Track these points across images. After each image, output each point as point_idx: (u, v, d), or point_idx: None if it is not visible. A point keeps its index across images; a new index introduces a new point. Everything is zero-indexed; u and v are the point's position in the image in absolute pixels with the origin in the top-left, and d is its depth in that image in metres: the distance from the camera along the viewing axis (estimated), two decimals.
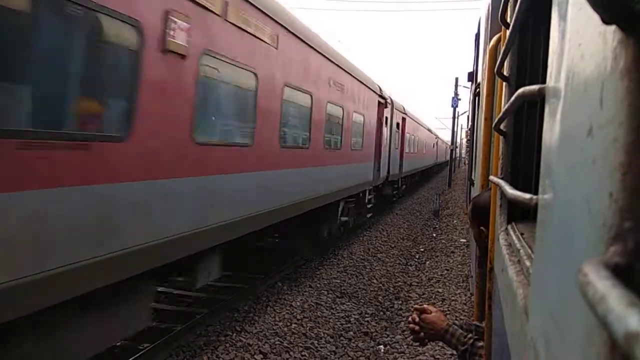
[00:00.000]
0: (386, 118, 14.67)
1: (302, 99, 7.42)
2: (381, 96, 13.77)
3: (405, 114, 19.41)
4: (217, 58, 4.79)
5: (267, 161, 6.18)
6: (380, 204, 15.64)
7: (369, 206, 13.23)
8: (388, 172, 15.24)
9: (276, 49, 6.19)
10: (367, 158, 12.28)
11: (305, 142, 7.79)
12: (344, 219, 11.10)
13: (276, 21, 6.14)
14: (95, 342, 3.81)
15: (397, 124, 17.26)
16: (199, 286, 5.55)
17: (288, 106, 6.82)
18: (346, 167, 10.32)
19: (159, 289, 5.85)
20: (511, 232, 1.37)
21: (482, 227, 2.10)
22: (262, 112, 5.88)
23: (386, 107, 14.49)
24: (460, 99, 33.38)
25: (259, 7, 5.58)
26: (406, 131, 19.63)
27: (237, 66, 5.22)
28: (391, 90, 18.38)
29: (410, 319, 2.23)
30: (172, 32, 3.98)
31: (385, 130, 14.62)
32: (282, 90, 6.51)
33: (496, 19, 1.92)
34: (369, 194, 13.06)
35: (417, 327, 2.18)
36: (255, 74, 5.63)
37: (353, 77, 10.49)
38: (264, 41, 5.81)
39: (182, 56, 4.18)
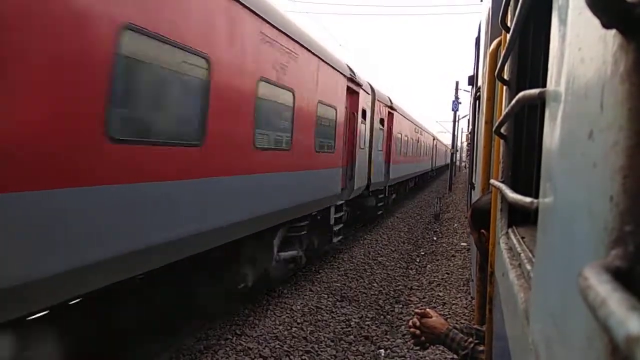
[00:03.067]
0: (363, 111, 11.28)
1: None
2: (352, 80, 10.01)
3: (393, 107, 15.75)
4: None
5: None
6: (356, 222, 12.97)
7: (336, 228, 9.71)
8: (369, 179, 12.20)
9: None
10: (333, 162, 8.93)
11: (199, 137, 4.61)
12: (284, 254, 7.45)
13: None
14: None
15: (381, 120, 14.03)
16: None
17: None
18: (296, 175, 7.14)
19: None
20: (512, 236, 1.37)
21: (482, 231, 2.10)
22: None
23: (359, 95, 10.86)
24: (460, 103, 33.41)
25: None
26: (394, 129, 16.13)
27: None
28: (395, 96, 16.62)
29: (410, 323, 2.23)
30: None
31: (363, 127, 11.33)
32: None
33: (496, 22, 1.92)
34: (337, 212, 9.63)
35: (417, 331, 2.18)
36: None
37: (308, 50, 7.31)
38: None
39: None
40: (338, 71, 9.16)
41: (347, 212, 10.66)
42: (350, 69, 10.11)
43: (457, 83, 33.07)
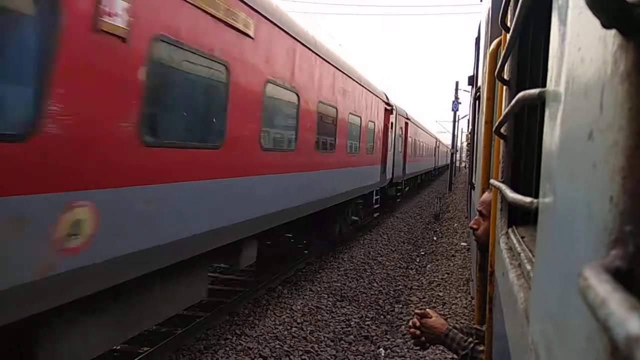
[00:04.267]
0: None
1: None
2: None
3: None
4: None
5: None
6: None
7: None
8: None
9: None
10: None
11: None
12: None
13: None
14: None
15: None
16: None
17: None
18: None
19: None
20: (512, 236, 1.37)
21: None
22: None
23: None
24: (460, 103, 33.40)
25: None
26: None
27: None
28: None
29: (410, 323, 2.24)
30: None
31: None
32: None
33: (496, 22, 1.92)
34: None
35: (417, 332, 2.18)
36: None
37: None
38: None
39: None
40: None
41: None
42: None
43: (457, 83, 33.06)
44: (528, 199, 1.04)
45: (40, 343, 3.25)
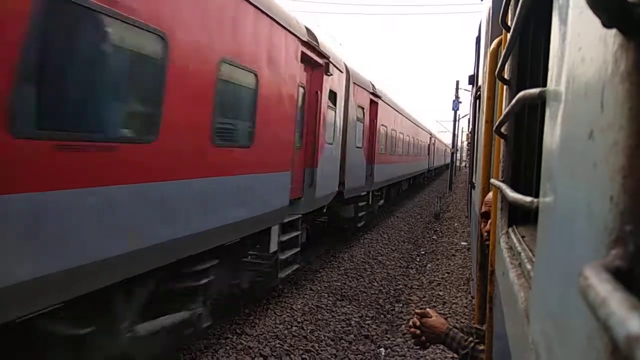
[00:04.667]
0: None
1: None
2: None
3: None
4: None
5: None
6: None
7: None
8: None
9: None
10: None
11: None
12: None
13: None
14: None
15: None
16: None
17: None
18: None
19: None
20: (512, 235, 1.37)
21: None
22: None
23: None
24: (461, 102, 33.39)
25: None
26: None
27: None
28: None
29: (411, 323, 2.24)
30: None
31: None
32: None
33: (497, 22, 1.92)
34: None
35: (418, 331, 2.18)
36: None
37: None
38: None
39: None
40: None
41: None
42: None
43: (457, 82, 33.06)
44: (528, 199, 1.04)
45: None
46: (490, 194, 2.21)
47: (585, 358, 0.40)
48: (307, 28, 7.55)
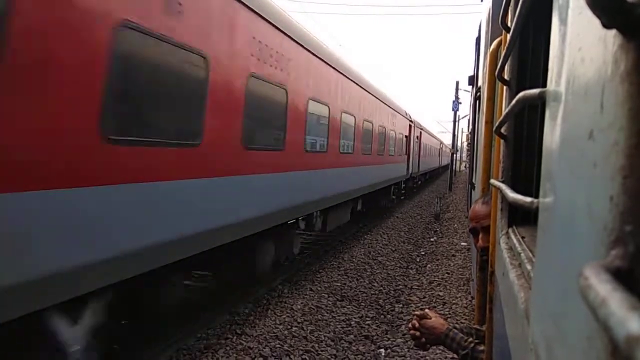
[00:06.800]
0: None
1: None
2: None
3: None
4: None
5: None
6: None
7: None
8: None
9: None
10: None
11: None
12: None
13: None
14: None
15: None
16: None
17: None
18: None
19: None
20: (512, 236, 1.37)
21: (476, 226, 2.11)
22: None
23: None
24: (461, 103, 33.43)
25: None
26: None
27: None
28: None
29: (410, 324, 2.23)
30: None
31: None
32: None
33: (497, 22, 1.92)
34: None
35: (417, 333, 2.18)
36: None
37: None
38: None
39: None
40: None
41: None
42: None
43: (457, 83, 33.07)
44: (528, 199, 1.04)
45: None
46: (477, 207, 2.19)
47: (585, 358, 0.40)
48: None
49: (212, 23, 4.72)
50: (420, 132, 25.97)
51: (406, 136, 20.14)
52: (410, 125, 21.08)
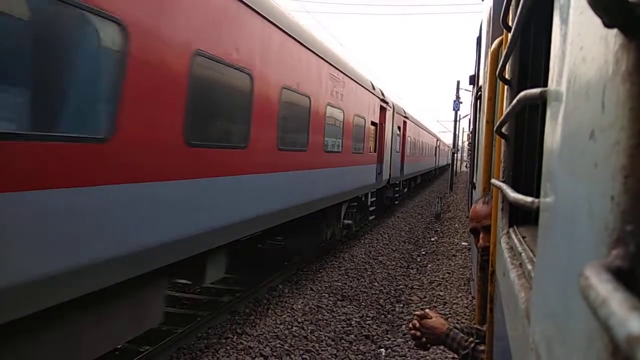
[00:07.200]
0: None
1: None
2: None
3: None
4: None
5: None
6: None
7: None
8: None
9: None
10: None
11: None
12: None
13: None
14: None
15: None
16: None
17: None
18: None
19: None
20: (513, 236, 1.37)
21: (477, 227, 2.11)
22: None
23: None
24: (462, 102, 33.41)
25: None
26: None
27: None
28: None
29: (410, 324, 2.23)
30: None
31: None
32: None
33: (498, 22, 1.92)
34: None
35: (418, 333, 2.18)
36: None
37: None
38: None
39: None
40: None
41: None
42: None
43: (458, 82, 33.06)
44: (529, 199, 1.04)
45: None
46: (477, 207, 2.19)
47: (586, 358, 0.40)
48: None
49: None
50: (405, 122, 18.79)
51: (376, 124, 13.21)
52: (383, 109, 13.98)
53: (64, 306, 3.11)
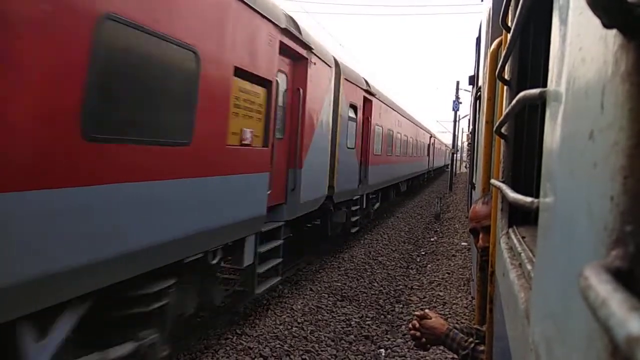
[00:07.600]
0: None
1: None
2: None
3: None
4: None
5: None
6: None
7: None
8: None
9: None
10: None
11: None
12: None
13: None
14: None
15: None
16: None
17: None
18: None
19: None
20: (512, 236, 1.37)
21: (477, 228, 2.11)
22: None
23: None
24: (461, 103, 33.43)
25: None
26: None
27: None
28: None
29: (410, 325, 2.24)
30: None
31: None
32: None
33: (497, 22, 1.92)
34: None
35: (418, 333, 2.18)
36: None
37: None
38: None
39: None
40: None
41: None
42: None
43: (457, 83, 33.08)
44: (529, 199, 1.04)
45: None
46: (477, 207, 2.19)
47: (586, 359, 0.40)
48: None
49: None
50: (368, 101, 11.93)
51: (271, 83, 5.79)
52: (299, 57, 7.01)
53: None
